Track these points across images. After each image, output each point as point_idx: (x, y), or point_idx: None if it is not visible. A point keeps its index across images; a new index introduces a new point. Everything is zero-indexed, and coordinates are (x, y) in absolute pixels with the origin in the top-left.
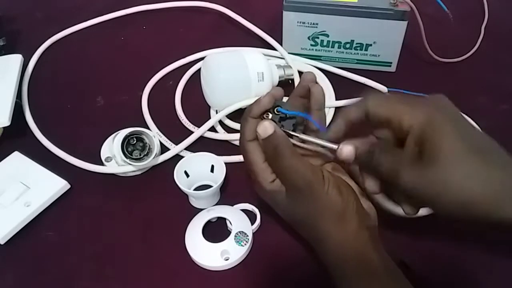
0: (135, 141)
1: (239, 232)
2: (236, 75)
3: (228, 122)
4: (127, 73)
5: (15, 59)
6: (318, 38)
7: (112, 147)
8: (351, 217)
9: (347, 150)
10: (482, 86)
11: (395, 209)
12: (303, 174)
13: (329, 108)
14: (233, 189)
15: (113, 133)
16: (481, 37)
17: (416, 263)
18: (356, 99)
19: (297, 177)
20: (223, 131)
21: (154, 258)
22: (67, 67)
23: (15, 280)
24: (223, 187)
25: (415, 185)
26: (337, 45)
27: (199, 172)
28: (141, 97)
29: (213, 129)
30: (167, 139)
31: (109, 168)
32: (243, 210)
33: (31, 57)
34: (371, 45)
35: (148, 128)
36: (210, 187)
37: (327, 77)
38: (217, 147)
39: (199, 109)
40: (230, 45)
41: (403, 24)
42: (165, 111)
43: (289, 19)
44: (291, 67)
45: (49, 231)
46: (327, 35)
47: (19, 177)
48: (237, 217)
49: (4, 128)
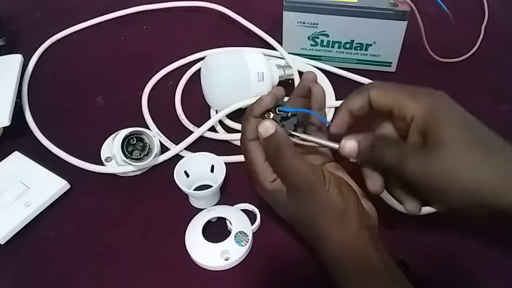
0: (135, 141)
1: (239, 232)
2: (236, 75)
3: (228, 122)
4: (127, 73)
5: (15, 59)
6: (318, 38)
7: (112, 147)
8: (351, 217)
9: (349, 145)
10: (482, 86)
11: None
12: (304, 173)
13: (329, 108)
14: (233, 189)
15: (113, 133)
16: (481, 37)
17: (416, 263)
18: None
19: (298, 176)
20: (223, 131)
21: (154, 258)
22: (67, 67)
23: (15, 280)
24: (223, 187)
25: (421, 174)
26: (337, 45)
27: (199, 172)
28: (141, 97)
29: (213, 129)
30: (167, 139)
31: (109, 168)
32: (243, 210)
33: (31, 57)
34: (371, 45)
35: (148, 128)
36: (210, 187)
37: (327, 77)
38: (217, 147)
39: (199, 109)
40: (230, 45)
41: (403, 24)
42: (165, 111)
43: (289, 19)
44: (291, 67)
45: (49, 231)
46: (327, 35)
47: (19, 177)
48: (237, 217)
49: (4, 128)
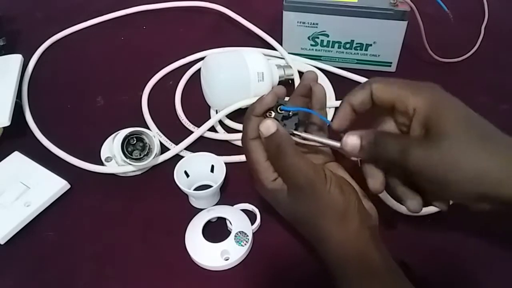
0: (135, 141)
1: (239, 232)
2: (236, 75)
3: (228, 122)
4: (127, 73)
5: (15, 59)
6: (318, 38)
7: (112, 147)
8: (352, 216)
9: (352, 140)
10: (482, 86)
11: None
12: (305, 172)
13: (329, 108)
14: (233, 189)
15: (113, 133)
16: (481, 37)
17: (416, 263)
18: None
19: (299, 175)
20: (223, 131)
21: (154, 258)
22: (67, 67)
23: (15, 280)
24: (223, 187)
25: (424, 166)
26: (337, 45)
27: (199, 172)
28: (141, 97)
29: (213, 129)
30: (167, 139)
31: (109, 168)
32: (243, 210)
33: (31, 57)
34: (371, 45)
35: (148, 128)
36: (210, 187)
37: (327, 77)
38: (217, 147)
39: (199, 109)
40: (230, 45)
41: (403, 24)
42: (165, 111)
43: (289, 19)
44: (291, 67)
45: (49, 231)
46: (327, 35)
47: (19, 177)
48: (237, 217)
49: (4, 128)
